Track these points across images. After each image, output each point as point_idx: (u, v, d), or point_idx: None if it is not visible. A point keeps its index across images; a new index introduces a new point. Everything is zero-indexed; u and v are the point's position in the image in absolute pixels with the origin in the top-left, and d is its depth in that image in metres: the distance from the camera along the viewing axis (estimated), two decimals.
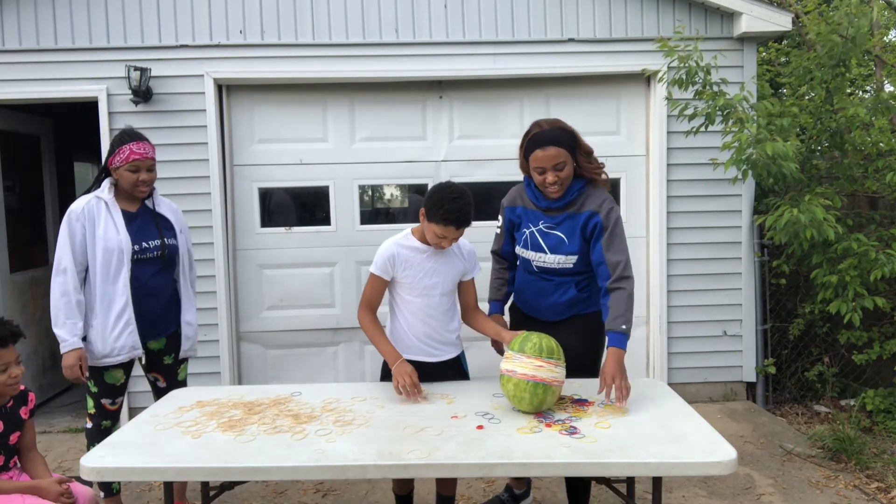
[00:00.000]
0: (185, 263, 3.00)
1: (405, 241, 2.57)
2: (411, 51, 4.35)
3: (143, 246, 2.78)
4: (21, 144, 4.90)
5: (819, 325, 4.59)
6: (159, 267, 2.84)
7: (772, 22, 4.35)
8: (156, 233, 2.83)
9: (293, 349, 4.54)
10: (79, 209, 2.71)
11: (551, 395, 2.19)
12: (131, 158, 2.73)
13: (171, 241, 2.88)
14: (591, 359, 2.68)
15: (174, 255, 2.91)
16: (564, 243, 2.55)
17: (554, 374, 2.20)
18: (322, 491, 3.40)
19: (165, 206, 2.95)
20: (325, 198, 4.52)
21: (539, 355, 2.21)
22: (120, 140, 2.77)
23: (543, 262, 2.60)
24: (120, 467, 1.93)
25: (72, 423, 4.45)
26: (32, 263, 4.96)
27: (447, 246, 2.49)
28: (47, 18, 4.19)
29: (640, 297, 4.63)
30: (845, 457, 3.61)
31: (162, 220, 2.90)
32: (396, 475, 2.23)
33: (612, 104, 4.59)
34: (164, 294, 2.86)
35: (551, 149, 2.45)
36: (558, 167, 2.47)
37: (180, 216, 3.02)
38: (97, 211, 2.73)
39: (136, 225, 2.80)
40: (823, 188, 4.21)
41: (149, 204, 2.88)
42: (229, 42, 4.28)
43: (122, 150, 2.74)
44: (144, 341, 2.83)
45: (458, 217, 2.38)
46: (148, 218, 2.85)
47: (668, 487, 3.36)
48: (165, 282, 2.88)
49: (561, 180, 2.48)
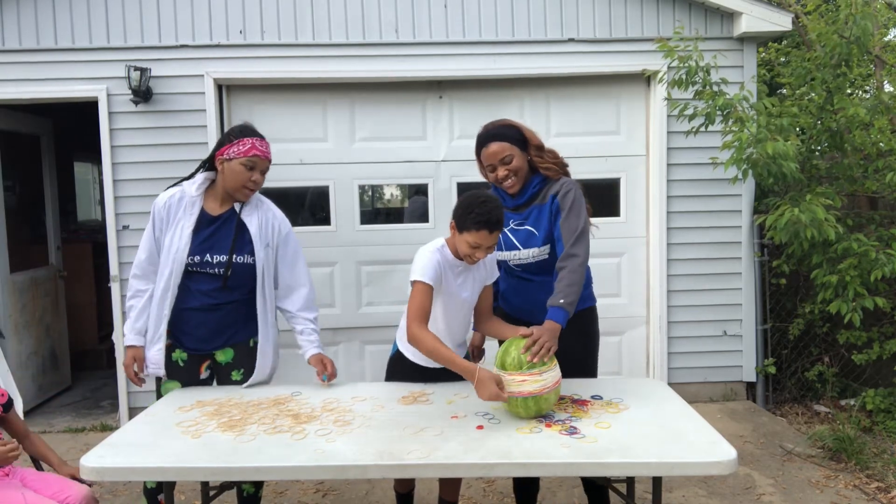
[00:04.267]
0: (265, 283, 2.59)
1: (444, 252, 2.45)
2: (411, 51, 4.35)
3: (205, 259, 2.50)
4: (21, 144, 4.90)
5: (819, 324, 4.59)
6: (220, 284, 2.53)
7: (772, 22, 4.35)
8: (227, 246, 2.51)
9: (293, 349, 4.50)
10: (160, 204, 2.53)
11: (546, 402, 2.16)
12: (252, 153, 2.47)
13: (241, 258, 2.53)
14: (588, 358, 2.67)
15: (245, 275, 2.55)
16: (535, 235, 2.55)
17: (541, 382, 2.14)
18: (322, 491, 3.40)
19: (256, 214, 2.58)
20: (325, 198, 4.52)
21: (520, 369, 2.15)
22: (241, 132, 2.52)
23: (519, 259, 2.59)
24: (120, 467, 1.93)
25: (72, 423, 4.45)
26: (32, 263, 4.96)
27: (481, 257, 2.39)
28: (47, 18, 4.19)
29: (640, 296, 4.64)
30: (845, 457, 3.61)
31: (243, 231, 2.55)
32: (396, 475, 2.23)
33: (612, 104, 4.59)
34: (223, 310, 2.56)
35: (493, 144, 2.51)
36: (505, 160, 2.50)
37: (275, 227, 2.62)
38: (175, 210, 2.52)
39: (211, 231, 2.53)
40: (823, 188, 4.21)
41: (237, 208, 2.57)
42: (229, 42, 4.28)
43: (244, 142, 2.47)
44: (205, 358, 2.62)
45: (489, 219, 2.29)
46: (228, 226, 2.54)
47: (668, 487, 3.36)
48: (231, 299, 2.56)
49: (512, 172, 2.51)
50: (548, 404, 2.17)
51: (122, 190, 4.27)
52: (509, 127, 2.56)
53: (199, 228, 2.53)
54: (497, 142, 2.51)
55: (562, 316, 2.34)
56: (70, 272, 5.44)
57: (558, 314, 2.34)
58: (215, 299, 2.55)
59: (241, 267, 2.54)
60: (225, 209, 2.57)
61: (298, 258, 2.73)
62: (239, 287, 2.57)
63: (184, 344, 2.59)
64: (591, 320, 2.68)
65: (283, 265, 2.69)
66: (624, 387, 2.50)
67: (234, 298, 2.57)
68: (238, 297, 2.58)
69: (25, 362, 4.66)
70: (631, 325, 4.65)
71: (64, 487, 2.30)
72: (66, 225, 6.05)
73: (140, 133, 4.26)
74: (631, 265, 4.62)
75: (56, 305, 5.16)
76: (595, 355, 2.71)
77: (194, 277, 2.54)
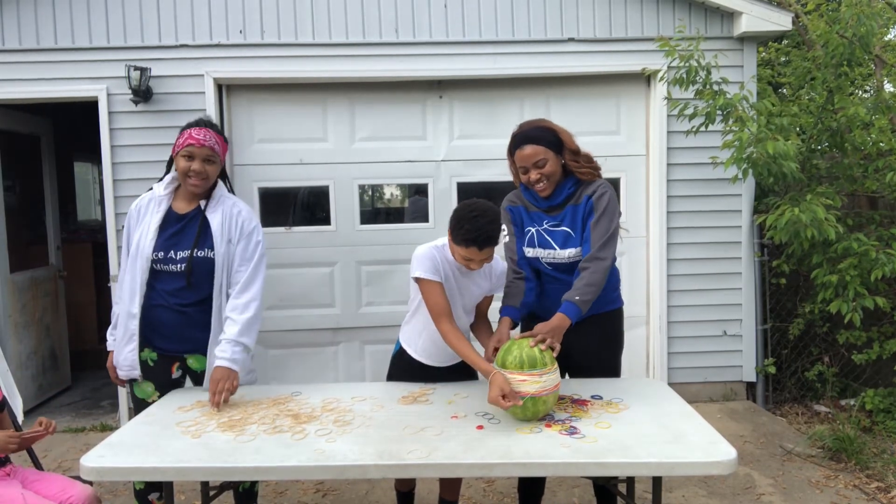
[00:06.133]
0: (223, 280, 2.54)
1: (444, 251, 2.44)
2: (411, 50, 4.35)
3: (169, 256, 2.48)
4: (21, 144, 4.90)
5: (819, 324, 4.59)
6: (184, 283, 2.50)
7: (772, 22, 4.34)
8: (190, 242, 2.49)
9: (293, 349, 4.54)
10: (133, 207, 2.56)
11: (543, 405, 2.15)
12: (187, 143, 2.45)
13: (202, 253, 2.50)
14: (612, 359, 2.68)
15: (204, 270, 2.51)
16: (571, 236, 2.55)
17: (540, 384, 2.12)
18: (322, 491, 3.40)
19: (220, 210, 2.56)
20: (325, 197, 4.52)
21: (521, 369, 2.15)
22: (186, 125, 2.52)
23: (555, 259, 2.57)
24: (120, 467, 1.93)
25: (72, 423, 4.45)
26: (32, 263, 4.96)
27: (476, 268, 2.39)
28: (47, 18, 4.19)
29: (640, 296, 4.64)
30: (845, 457, 3.61)
31: (206, 228, 2.53)
32: (396, 475, 2.23)
33: (612, 104, 4.58)
34: (188, 312, 2.52)
35: (528, 147, 2.48)
36: (539, 164, 2.48)
37: (238, 221, 2.56)
38: (145, 211, 2.54)
39: (177, 229, 2.52)
40: (823, 188, 4.21)
41: (202, 206, 2.56)
42: (229, 42, 4.27)
43: (183, 135, 2.48)
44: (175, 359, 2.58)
45: (479, 237, 2.25)
46: (194, 223, 2.53)
47: (668, 487, 3.36)
48: (196, 299, 2.52)
49: (545, 176, 2.49)
50: (545, 407, 2.16)
51: (122, 190, 4.27)
52: (546, 130, 2.51)
53: (165, 226, 2.52)
54: (532, 145, 2.47)
55: (573, 311, 2.36)
56: (70, 272, 5.44)
57: (570, 309, 2.36)
58: (181, 299, 2.52)
59: (201, 262, 2.50)
60: (191, 208, 2.56)
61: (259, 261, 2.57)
62: (201, 285, 2.52)
63: (153, 343, 2.55)
64: (619, 321, 2.69)
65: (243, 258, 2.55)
66: (624, 387, 2.50)
67: (198, 298, 2.53)
68: (203, 296, 2.53)
69: (25, 362, 4.65)
70: (631, 325, 4.62)
71: (66, 487, 2.30)
72: (66, 225, 6.05)
73: (140, 133, 4.26)
74: (631, 265, 4.62)
75: (56, 305, 5.16)
76: (619, 355, 2.72)
77: (160, 277, 2.51)
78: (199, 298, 2.54)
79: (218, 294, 2.54)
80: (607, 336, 2.65)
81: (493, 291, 2.63)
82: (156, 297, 2.52)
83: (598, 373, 2.60)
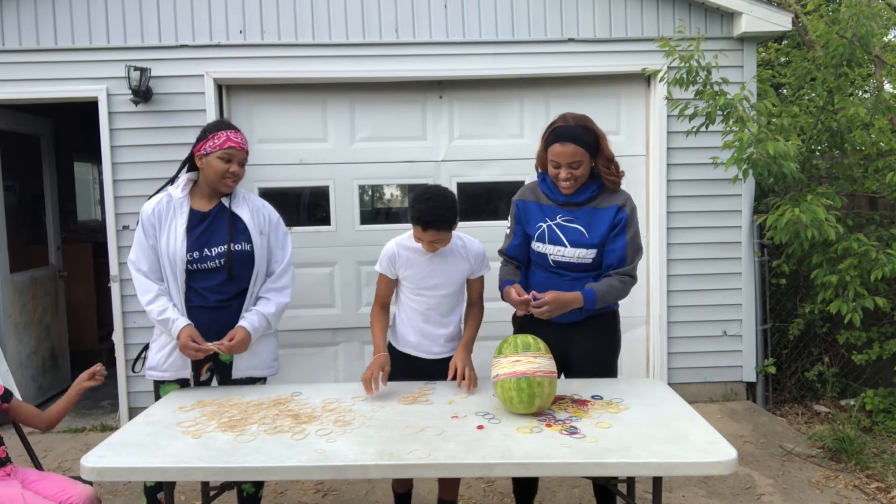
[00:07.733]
0: (260, 271, 2.63)
1: (406, 242, 2.59)
2: (411, 51, 4.35)
3: (204, 254, 2.53)
4: (21, 144, 4.90)
5: (819, 325, 4.59)
6: (224, 277, 2.55)
7: (772, 22, 4.35)
8: (224, 237, 2.55)
9: (293, 349, 4.53)
10: (148, 211, 2.55)
11: (539, 387, 2.13)
12: (227, 146, 2.52)
13: (239, 246, 2.57)
14: (609, 360, 2.68)
15: (244, 262, 2.58)
16: (584, 236, 2.53)
17: (534, 364, 2.14)
18: (322, 491, 3.40)
19: (246, 205, 2.64)
20: (325, 198, 4.52)
21: (515, 351, 2.20)
22: (216, 126, 2.57)
23: (562, 257, 2.56)
24: (120, 467, 1.93)
25: (72, 423, 4.44)
26: (32, 263, 4.97)
27: (429, 250, 2.50)
28: (47, 18, 4.19)
29: (640, 297, 4.63)
30: (845, 457, 3.61)
31: (236, 221, 2.60)
32: (396, 475, 2.23)
33: (613, 104, 4.58)
34: (233, 305, 2.59)
35: (570, 146, 2.45)
36: (574, 165, 2.47)
37: (264, 214, 2.68)
38: (165, 214, 2.55)
39: (204, 227, 2.56)
40: (824, 188, 4.21)
41: (225, 202, 2.61)
42: (229, 42, 4.28)
43: (218, 136, 2.53)
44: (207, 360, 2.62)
45: (422, 217, 2.39)
46: (220, 219, 2.59)
47: (668, 487, 3.36)
48: (237, 291, 2.59)
49: (574, 178, 2.49)
50: (542, 390, 2.14)
51: (122, 190, 4.27)
52: (590, 131, 2.50)
53: (191, 227, 2.56)
54: (575, 145, 2.45)
55: (591, 300, 2.42)
56: (70, 272, 5.44)
57: (591, 296, 2.43)
58: (222, 294, 2.57)
59: (239, 255, 2.57)
60: (213, 205, 2.61)
61: (287, 242, 2.76)
62: (241, 277, 2.59)
63: None
64: (616, 323, 2.71)
65: (276, 248, 2.72)
66: (624, 387, 2.51)
67: (239, 290, 2.60)
68: (242, 287, 2.61)
69: (25, 362, 4.65)
70: (631, 325, 4.65)
71: (66, 487, 2.30)
72: (66, 225, 6.05)
73: (140, 133, 4.26)
74: None
75: (56, 305, 5.15)
76: (617, 356, 2.74)
77: (196, 277, 2.55)
78: (239, 290, 2.61)
79: (254, 284, 2.63)
80: (605, 337, 2.66)
81: (476, 273, 2.68)
82: (194, 298, 2.56)
83: (595, 373, 2.60)
